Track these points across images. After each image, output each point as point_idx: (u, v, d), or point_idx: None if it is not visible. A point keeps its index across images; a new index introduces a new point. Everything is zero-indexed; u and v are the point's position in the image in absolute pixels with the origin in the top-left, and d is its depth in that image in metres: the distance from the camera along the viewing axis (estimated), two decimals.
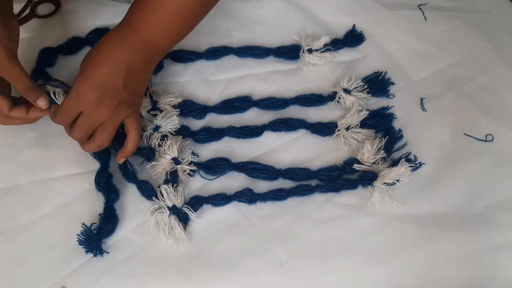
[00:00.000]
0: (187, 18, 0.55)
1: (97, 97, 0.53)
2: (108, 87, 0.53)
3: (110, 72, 0.53)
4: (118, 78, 0.53)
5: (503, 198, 0.60)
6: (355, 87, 0.67)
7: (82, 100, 0.53)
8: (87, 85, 0.53)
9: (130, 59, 0.54)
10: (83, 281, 0.52)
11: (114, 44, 0.54)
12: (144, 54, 0.55)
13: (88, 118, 0.54)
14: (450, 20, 0.76)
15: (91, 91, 0.53)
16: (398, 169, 0.58)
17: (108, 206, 0.57)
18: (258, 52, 0.71)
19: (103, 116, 0.54)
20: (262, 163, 0.60)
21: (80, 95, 0.53)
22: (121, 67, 0.53)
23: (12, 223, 0.55)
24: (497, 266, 0.55)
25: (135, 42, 0.54)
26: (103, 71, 0.53)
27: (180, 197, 0.57)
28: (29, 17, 0.71)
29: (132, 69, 0.54)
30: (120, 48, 0.53)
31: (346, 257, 0.55)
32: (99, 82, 0.53)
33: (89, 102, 0.53)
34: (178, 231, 0.55)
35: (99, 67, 0.53)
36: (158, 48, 0.56)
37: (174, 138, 0.61)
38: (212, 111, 0.66)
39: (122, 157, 0.58)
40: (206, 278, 0.53)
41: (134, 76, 0.55)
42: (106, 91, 0.53)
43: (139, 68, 0.55)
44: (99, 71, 0.53)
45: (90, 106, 0.53)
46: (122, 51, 0.53)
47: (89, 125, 0.55)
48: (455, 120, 0.66)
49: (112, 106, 0.54)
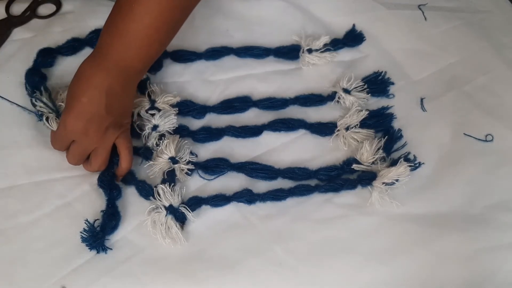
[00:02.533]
0: (156, 38, 0.56)
1: (83, 126, 0.54)
2: (92, 115, 0.54)
3: (91, 100, 0.54)
4: (99, 104, 0.54)
5: (503, 198, 0.60)
6: (355, 87, 0.67)
7: (69, 131, 0.55)
8: (71, 117, 0.54)
9: (107, 84, 0.54)
10: (83, 281, 0.52)
11: (90, 72, 0.55)
12: (120, 77, 0.55)
13: (80, 146, 0.56)
14: (450, 20, 0.76)
15: (76, 122, 0.54)
16: (397, 169, 0.58)
17: (110, 203, 0.57)
18: (258, 52, 0.71)
19: (93, 143, 0.56)
20: (261, 163, 0.60)
21: (67, 127, 0.55)
22: (101, 93, 0.54)
23: (12, 223, 0.55)
24: (497, 266, 0.55)
25: (109, 67, 0.55)
26: (84, 100, 0.54)
27: (177, 197, 0.57)
28: (30, 18, 0.71)
29: (112, 93, 0.55)
30: (96, 75, 0.54)
31: (346, 257, 0.55)
32: (82, 112, 0.54)
33: (77, 132, 0.55)
34: (174, 231, 0.55)
35: (80, 97, 0.54)
36: (132, 70, 0.57)
37: (171, 138, 0.61)
38: (211, 111, 0.66)
39: (119, 175, 0.59)
40: (206, 278, 0.53)
41: (115, 99, 0.55)
42: (90, 119, 0.54)
43: (118, 91, 0.55)
44: (80, 102, 0.54)
45: (79, 135, 0.55)
46: (99, 77, 0.54)
47: (81, 152, 0.57)
48: (455, 120, 0.66)
49: (100, 132, 0.55)
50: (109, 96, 0.54)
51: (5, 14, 0.71)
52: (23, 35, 0.70)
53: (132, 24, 0.54)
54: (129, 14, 0.53)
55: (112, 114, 0.55)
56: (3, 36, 0.69)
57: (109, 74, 0.55)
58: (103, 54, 0.55)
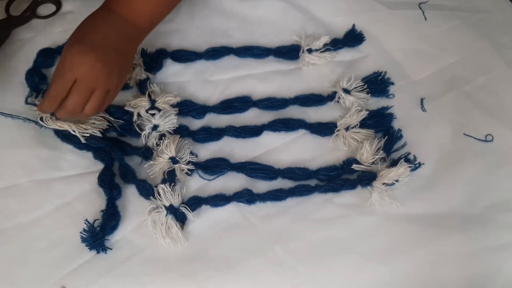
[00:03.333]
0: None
1: (92, 60, 0.53)
2: (102, 52, 0.54)
3: (103, 38, 0.54)
4: (110, 44, 0.55)
5: (503, 198, 0.60)
6: (354, 87, 0.67)
7: (77, 63, 0.53)
8: (81, 49, 0.53)
9: (119, 28, 0.56)
10: (83, 281, 0.52)
11: (104, 15, 0.57)
12: (129, 27, 0.57)
13: (83, 84, 0.53)
14: (450, 20, 0.76)
15: (87, 55, 0.53)
16: (397, 169, 0.58)
17: (110, 203, 0.57)
18: (258, 52, 0.71)
19: (96, 82, 0.54)
20: (261, 163, 0.61)
21: (74, 60, 0.53)
22: (113, 34, 0.55)
23: (12, 223, 0.56)
24: (497, 266, 0.55)
25: (118, 16, 0.57)
26: (98, 37, 0.54)
27: (177, 197, 0.57)
28: (30, 18, 0.71)
29: (121, 38, 0.56)
30: (110, 18, 0.56)
31: (346, 257, 0.55)
32: (94, 46, 0.53)
33: (84, 66, 0.53)
34: (175, 231, 0.55)
35: (93, 33, 0.54)
36: (138, 26, 0.59)
37: (171, 137, 0.61)
38: (211, 111, 0.66)
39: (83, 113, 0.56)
40: (206, 278, 0.53)
41: (123, 45, 0.56)
42: (100, 55, 0.53)
43: (127, 39, 0.57)
44: (93, 37, 0.54)
45: (85, 70, 0.53)
46: (112, 20, 0.56)
47: (84, 91, 0.54)
48: (455, 120, 0.66)
49: (106, 72, 0.54)
50: (119, 40, 0.56)
51: (5, 14, 0.71)
52: (23, 35, 0.70)
53: None
54: None
55: (120, 57, 0.56)
56: (3, 36, 0.69)
57: (121, 22, 0.57)
58: (113, 5, 0.57)
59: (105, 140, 0.60)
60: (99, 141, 0.59)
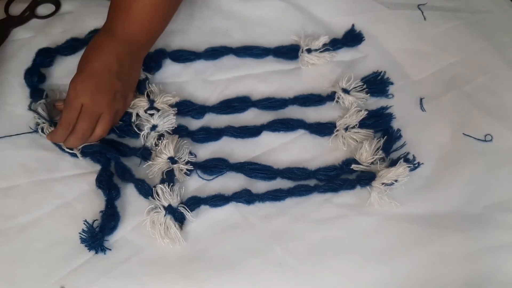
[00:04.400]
0: (156, 14, 0.61)
1: (93, 86, 0.57)
2: (102, 78, 0.58)
3: (103, 65, 0.58)
4: (111, 69, 0.58)
5: (503, 198, 0.59)
6: (354, 87, 0.67)
7: (79, 91, 0.57)
8: (82, 78, 0.57)
9: (118, 52, 0.59)
10: (83, 281, 0.53)
11: (103, 41, 0.59)
12: (127, 48, 0.60)
13: (88, 109, 0.57)
14: (450, 20, 0.76)
15: (87, 82, 0.57)
16: (397, 169, 0.58)
17: (109, 203, 0.57)
18: (257, 52, 0.71)
19: (102, 106, 0.58)
20: (260, 163, 0.60)
21: (77, 88, 0.57)
22: (112, 59, 0.58)
23: (12, 223, 0.56)
24: (497, 266, 0.55)
25: (117, 39, 0.59)
26: (96, 65, 0.58)
27: (176, 197, 0.57)
28: (29, 18, 0.71)
29: (121, 61, 0.59)
30: (108, 44, 0.59)
31: (345, 257, 0.55)
32: (94, 74, 0.57)
33: (87, 92, 0.57)
34: (173, 231, 0.55)
35: (92, 62, 0.58)
36: (136, 43, 0.61)
37: (170, 138, 0.61)
38: (210, 111, 0.66)
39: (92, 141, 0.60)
40: (206, 278, 0.53)
41: (124, 67, 0.59)
42: (100, 81, 0.57)
43: (127, 60, 0.60)
44: (92, 66, 0.58)
45: (89, 96, 0.57)
46: (111, 46, 0.59)
47: (91, 116, 0.58)
48: (454, 120, 0.66)
49: (110, 95, 0.58)
50: (119, 63, 0.59)
51: (4, 14, 0.71)
52: (23, 35, 0.70)
53: (134, 2, 0.59)
54: None
55: (121, 81, 0.59)
56: (2, 36, 0.69)
57: (119, 45, 0.59)
58: (111, 28, 0.60)
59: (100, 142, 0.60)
60: (93, 146, 0.60)
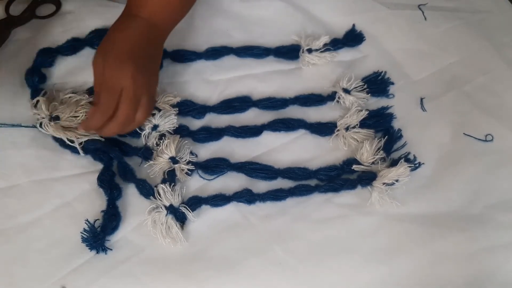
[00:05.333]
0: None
1: (132, 71, 0.54)
2: (139, 61, 0.55)
3: (136, 47, 0.55)
4: (143, 52, 0.56)
5: (503, 198, 0.60)
6: (354, 87, 0.67)
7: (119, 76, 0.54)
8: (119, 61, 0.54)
9: (147, 34, 0.57)
10: (83, 281, 0.52)
11: (129, 23, 0.57)
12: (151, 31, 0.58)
13: (130, 94, 0.54)
14: (450, 20, 0.76)
15: (125, 66, 0.54)
16: (397, 169, 0.58)
17: (111, 203, 0.57)
18: (257, 52, 0.71)
19: (142, 89, 0.55)
20: (261, 163, 0.60)
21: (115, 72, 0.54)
22: (143, 41, 0.56)
23: (12, 223, 0.56)
24: (497, 266, 0.55)
25: (143, 21, 0.57)
26: (129, 46, 0.55)
27: (177, 197, 0.57)
28: (30, 18, 0.71)
29: (150, 43, 0.57)
30: (135, 26, 0.56)
31: (346, 257, 0.55)
32: (130, 57, 0.54)
33: (127, 77, 0.54)
34: (175, 231, 0.55)
35: (124, 43, 0.55)
36: (162, 28, 0.60)
37: (171, 137, 0.61)
38: (211, 111, 0.66)
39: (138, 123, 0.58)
40: (206, 278, 0.53)
41: (153, 50, 0.58)
42: (139, 65, 0.55)
43: (155, 42, 0.58)
44: (125, 47, 0.55)
45: (129, 81, 0.54)
46: (138, 27, 0.56)
47: (133, 101, 0.55)
48: (455, 120, 0.66)
49: (146, 79, 0.56)
50: (149, 45, 0.57)
51: (5, 14, 0.71)
52: (23, 35, 0.70)
53: None
54: None
55: (152, 62, 0.58)
56: (3, 36, 0.69)
57: (144, 26, 0.57)
58: (136, 11, 0.57)
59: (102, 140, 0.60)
60: (96, 143, 0.59)
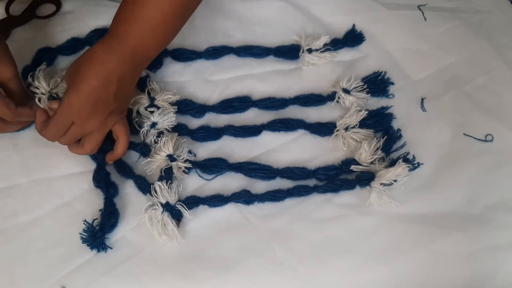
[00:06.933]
0: (171, 23, 0.57)
1: (89, 109, 0.54)
2: (99, 99, 0.54)
3: (102, 84, 0.53)
4: (109, 90, 0.54)
5: (503, 198, 0.60)
6: (354, 87, 0.67)
7: (74, 112, 0.54)
8: (78, 98, 0.53)
9: (120, 70, 0.54)
10: (83, 281, 0.52)
11: (103, 56, 0.54)
12: (133, 63, 0.56)
13: (79, 129, 0.56)
14: (450, 20, 0.76)
15: (83, 104, 0.53)
16: (396, 170, 0.58)
17: (108, 201, 0.57)
18: (257, 52, 0.71)
19: (93, 127, 0.56)
20: (260, 163, 0.60)
21: (72, 108, 0.54)
22: (113, 79, 0.54)
23: (12, 223, 0.56)
24: (497, 266, 0.55)
25: (124, 54, 0.54)
26: (95, 84, 0.53)
27: (174, 194, 0.57)
28: (30, 18, 0.71)
29: (123, 81, 0.55)
30: (111, 61, 0.54)
31: (345, 257, 0.55)
32: (91, 95, 0.53)
33: (81, 114, 0.54)
34: (170, 228, 0.55)
35: (91, 80, 0.53)
36: (146, 57, 0.58)
37: (170, 135, 0.61)
38: (211, 110, 0.66)
39: (111, 160, 0.59)
40: (206, 278, 0.53)
41: (124, 87, 0.56)
42: (97, 103, 0.54)
43: (128, 78, 0.56)
44: (90, 84, 0.53)
45: (82, 118, 0.54)
46: (114, 64, 0.54)
47: (79, 134, 0.57)
48: (455, 120, 0.66)
49: (103, 117, 0.55)
50: (120, 84, 0.54)
51: (5, 14, 0.71)
52: (23, 35, 0.70)
53: (149, 10, 0.54)
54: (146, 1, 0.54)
55: (118, 101, 0.56)
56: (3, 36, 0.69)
57: (125, 62, 0.54)
58: (119, 41, 0.54)
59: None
60: None
